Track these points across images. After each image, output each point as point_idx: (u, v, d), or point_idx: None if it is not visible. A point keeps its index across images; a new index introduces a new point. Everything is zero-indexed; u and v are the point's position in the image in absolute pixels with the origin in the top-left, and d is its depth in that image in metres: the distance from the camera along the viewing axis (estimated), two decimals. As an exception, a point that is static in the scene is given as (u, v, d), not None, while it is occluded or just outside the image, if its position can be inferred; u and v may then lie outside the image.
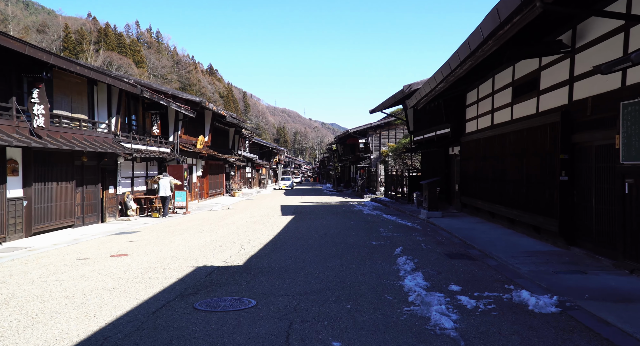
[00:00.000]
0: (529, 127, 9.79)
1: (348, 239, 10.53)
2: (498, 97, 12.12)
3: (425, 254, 8.55)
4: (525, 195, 10.06)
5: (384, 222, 14.35)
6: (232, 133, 31.39)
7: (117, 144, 13.50)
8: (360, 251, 8.94)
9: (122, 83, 12.76)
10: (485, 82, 13.24)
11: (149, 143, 16.96)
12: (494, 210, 12.19)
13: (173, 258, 8.16)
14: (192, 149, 21.39)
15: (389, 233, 11.57)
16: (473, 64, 8.65)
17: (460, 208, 15.95)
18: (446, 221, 13.40)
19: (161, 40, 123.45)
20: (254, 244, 9.86)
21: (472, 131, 14.56)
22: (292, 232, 11.93)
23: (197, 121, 23.66)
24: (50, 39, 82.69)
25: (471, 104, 14.80)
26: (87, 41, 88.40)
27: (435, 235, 11.23)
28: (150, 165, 18.17)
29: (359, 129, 32.35)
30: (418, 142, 20.65)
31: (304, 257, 8.25)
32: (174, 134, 19.53)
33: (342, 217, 16.17)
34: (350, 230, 12.27)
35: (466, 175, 15.19)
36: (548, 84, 9.12)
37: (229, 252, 8.81)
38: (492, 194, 12.36)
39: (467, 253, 8.65)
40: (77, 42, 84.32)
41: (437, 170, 18.71)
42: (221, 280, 6.38)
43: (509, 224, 11.22)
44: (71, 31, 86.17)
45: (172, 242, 10.21)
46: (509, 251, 8.43)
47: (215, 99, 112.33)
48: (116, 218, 15.19)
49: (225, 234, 11.61)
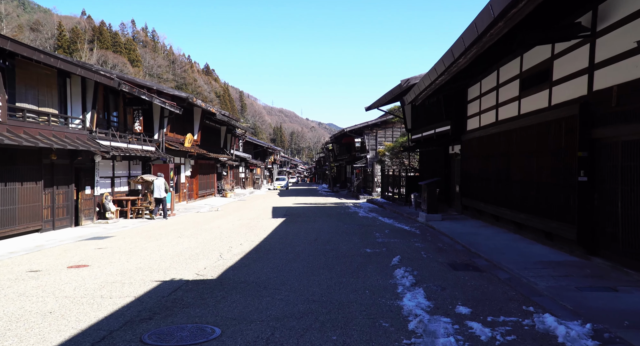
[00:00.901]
0: (540, 122, 8.84)
1: (340, 246, 9.56)
2: (503, 91, 11.17)
3: (425, 264, 7.59)
4: (535, 197, 9.11)
5: (380, 226, 13.39)
6: (224, 132, 30.37)
7: (92, 142, 12.48)
8: (353, 260, 7.97)
9: (97, 75, 11.73)
10: (488, 75, 12.30)
11: (130, 141, 15.94)
12: (498, 213, 11.24)
13: (139, 269, 7.16)
14: (180, 148, 20.38)
15: (386, 239, 10.61)
16: (479, 51, 7.71)
17: (461, 210, 15.01)
18: (447, 225, 12.45)
19: (157, 39, 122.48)
20: (235, 252, 8.87)
21: (474, 128, 13.62)
22: (280, 237, 10.95)
23: (185, 119, 22.64)
24: (44, 38, 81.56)
25: (473, 100, 13.86)
26: (81, 40, 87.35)
27: (435, 241, 10.28)
28: (133, 164, 17.14)
29: (355, 127, 31.38)
30: (416, 141, 19.70)
31: (288, 268, 7.27)
32: (159, 131, 18.51)
33: (336, 220, 15.20)
34: (344, 235, 11.30)
35: (467, 175, 14.25)
36: (562, 74, 8.17)
37: (204, 262, 7.82)
38: (497, 196, 11.42)
39: (473, 263, 7.70)
40: (72, 41, 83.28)
41: (436, 170, 17.77)
42: (186, 300, 5.39)
43: (516, 229, 10.28)
44: (65, 29, 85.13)
45: (145, 249, 9.21)
46: (520, 260, 7.48)
47: (212, 98, 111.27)
48: (93, 221, 14.17)
49: (206, 240, 10.61)
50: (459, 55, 8.01)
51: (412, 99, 13.68)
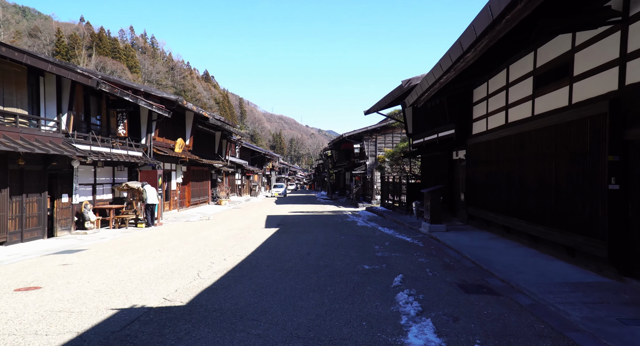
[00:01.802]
0: (559, 123, 7.86)
1: (335, 262, 8.54)
2: (514, 90, 10.22)
3: (432, 285, 6.58)
4: (554, 207, 8.11)
5: (380, 237, 12.37)
6: (219, 137, 29.40)
7: (68, 146, 11.49)
8: (349, 279, 6.96)
9: (71, 73, 10.76)
10: (496, 74, 11.36)
11: (114, 145, 14.96)
12: (510, 224, 10.23)
13: (98, 292, 6.15)
14: (170, 153, 19.40)
15: (386, 252, 9.60)
16: (491, 42, 6.77)
17: (467, 220, 14.00)
18: (452, 237, 11.44)
19: (156, 45, 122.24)
20: (216, 269, 7.86)
21: (481, 131, 12.65)
22: (270, 250, 9.93)
23: (176, 123, 21.69)
24: (42, 43, 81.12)
25: (479, 102, 12.91)
26: (79, 46, 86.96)
27: (441, 255, 9.26)
28: (117, 170, 16.15)
29: (354, 133, 30.43)
30: (417, 146, 18.73)
31: (273, 290, 6.26)
32: (147, 136, 17.54)
33: (333, 230, 14.19)
34: (340, 248, 10.29)
35: (473, 182, 13.26)
36: (585, 67, 7.21)
37: (177, 282, 6.80)
38: (508, 206, 10.42)
39: (487, 284, 6.68)
40: (70, 47, 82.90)
41: (439, 177, 16.78)
42: (141, 336, 4.38)
43: (531, 243, 9.27)
44: (64, 36, 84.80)
45: (115, 265, 8.19)
46: (541, 281, 6.47)
47: (211, 105, 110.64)
48: (71, 232, 13.15)
49: (187, 254, 9.59)
50: (468, 47, 7.06)
51: (414, 101, 12.72)
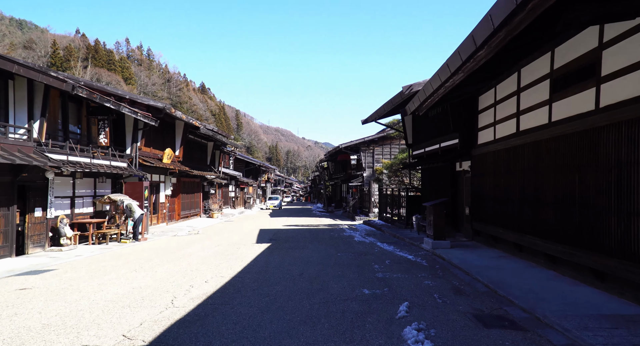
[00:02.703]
0: (585, 129, 6.99)
1: (331, 284, 7.58)
2: (527, 95, 9.37)
3: (443, 315, 5.62)
4: (578, 225, 7.20)
5: (380, 254, 11.40)
6: (211, 148, 28.47)
7: (39, 155, 10.53)
8: (346, 308, 5.99)
9: (42, 75, 9.85)
10: (506, 79, 10.53)
11: (95, 155, 14.00)
12: (523, 242, 9.30)
13: (44, 328, 5.14)
14: (158, 164, 18.44)
15: (387, 273, 8.63)
16: (508, 35, 5.95)
17: (472, 235, 13.06)
18: (458, 254, 10.49)
19: (152, 57, 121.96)
20: (195, 294, 6.87)
21: (488, 141, 11.78)
22: (259, 270, 8.94)
23: (165, 133, 20.77)
24: (37, 55, 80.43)
25: (485, 109, 12.07)
26: (75, 57, 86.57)
27: (448, 276, 8.30)
28: (99, 182, 15.16)
29: (351, 144, 29.58)
30: (418, 156, 17.85)
31: (256, 323, 5.28)
32: (132, 145, 16.59)
33: (328, 246, 13.21)
34: (336, 267, 9.32)
35: (480, 195, 12.35)
36: (617, 66, 6.36)
37: (146, 312, 5.81)
38: (521, 221, 9.50)
39: (507, 315, 5.73)
40: (65, 59, 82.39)
41: (441, 189, 15.87)
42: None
43: (548, 263, 8.32)
44: (59, 48, 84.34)
45: (80, 290, 7.18)
46: (571, 312, 5.52)
47: (207, 117, 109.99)
48: (45, 249, 12.11)
49: (166, 274, 8.59)
50: (482, 42, 6.21)
51: (416, 108, 11.85)
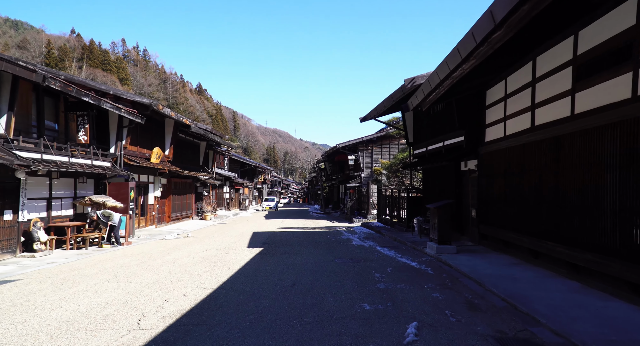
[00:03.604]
0: (621, 120, 6.08)
1: (326, 298, 6.65)
2: (544, 86, 8.47)
3: (460, 340, 4.71)
4: (611, 231, 6.29)
5: (380, 260, 10.48)
6: (204, 148, 27.48)
7: (6, 153, 9.56)
8: (343, 329, 5.07)
9: (6, 64, 8.87)
10: (518, 69, 9.64)
11: (74, 154, 13.03)
12: (540, 249, 8.39)
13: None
14: (145, 164, 17.46)
15: (389, 283, 7.71)
16: (533, 9, 5.12)
17: (478, 240, 12.16)
18: (465, 261, 9.58)
19: (148, 58, 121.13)
20: (168, 311, 5.92)
21: (498, 138, 10.89)
22: (246, 280, 8.01)
23: (154, 131, 19.80)
24: (31, 55, 79.33)
25: (494, 104, 11.18)
26: (69, 58, 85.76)
27: (458, 287, 7.39)
28: (80, 183, 14.19)
29: (348, 143, 28.65)
30: (419, 156, 16.94)
31: (235, 352, 4.35)
32: (116, 144, 15.63)
33: (325, 250, 12.28)
34: (333, 276, 8.39)
35: (487, 197, 11.45)
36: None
37: (104, 337, 4.85)
38: (537, 225, 8.59)
39: (536, 339, 4.81)
40: (60, 59, 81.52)
41: (444, 190, 14.96)
42: None
43: (572, 273, 7.41)
44: (53, 47, 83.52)
45: (34, 307, 6.21)
46: (613, 335, 4.61)
47: (204, 118, 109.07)
48: (16, 255, 11.13)
49: (141, 285, 7.64)
50: (503, 19, 5.34)
51: (419, 102, 10.94)
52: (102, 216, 13.17)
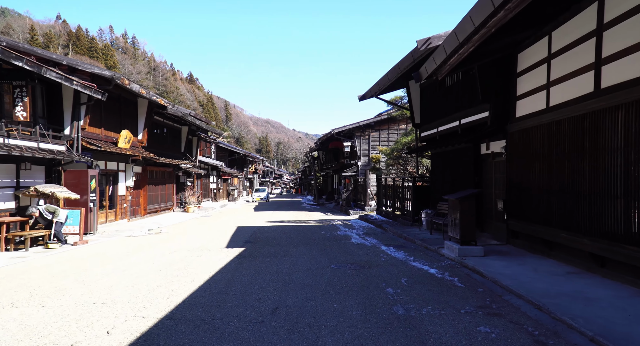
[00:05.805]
0: None
1: (322, 336, 4.40)
2: (615, 33, 6.19)
3: None
4: None
5: (388, 265, 8.23)
6: (185, 133, 25.03)
7: None
8: None
9: None
10: (571, 19, 7.36)
11: (12, 134, 10.63)
12: (613, 254, 6.18)
13: None
14: (111, 148, 15.04)
15: (409, 305, 5.47)
16: None
17: (507, 237, 9.95)
18: (501, 268, 7.36)
19: (137, 45, 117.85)
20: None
21: (535, 111, 8.64)
22: (209, 302, 5.72)
23: (124, 112, 17.33)
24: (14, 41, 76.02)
25: (529, 69, 8.92)
26: (54, 44, 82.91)
27: (508, 311, 5.15)
28: (24, 170, 11.76)
29: (344, 129, 26.31)
30: (427, 139, 14.67)
31: None
32: (72, 124, 13.20)
33: (319, 251, 10.05)
34: (330, 293, 6.13)
35: (520, 185, 9.23)
36: None
37: None
38: (605, 224, 6.37)
39: None
40: (45, 45, 78.58)
41: (458, 178, 12.71)
42: None
43: (670, 291, 5.20)
44: (38, 33, 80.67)
45: None
46: None
47: (195, 107, 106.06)
48: None
49: (52, 314, 5.33)
50: None
51: (435, 69, 8.64)
52: (45, 211, 10.82)
